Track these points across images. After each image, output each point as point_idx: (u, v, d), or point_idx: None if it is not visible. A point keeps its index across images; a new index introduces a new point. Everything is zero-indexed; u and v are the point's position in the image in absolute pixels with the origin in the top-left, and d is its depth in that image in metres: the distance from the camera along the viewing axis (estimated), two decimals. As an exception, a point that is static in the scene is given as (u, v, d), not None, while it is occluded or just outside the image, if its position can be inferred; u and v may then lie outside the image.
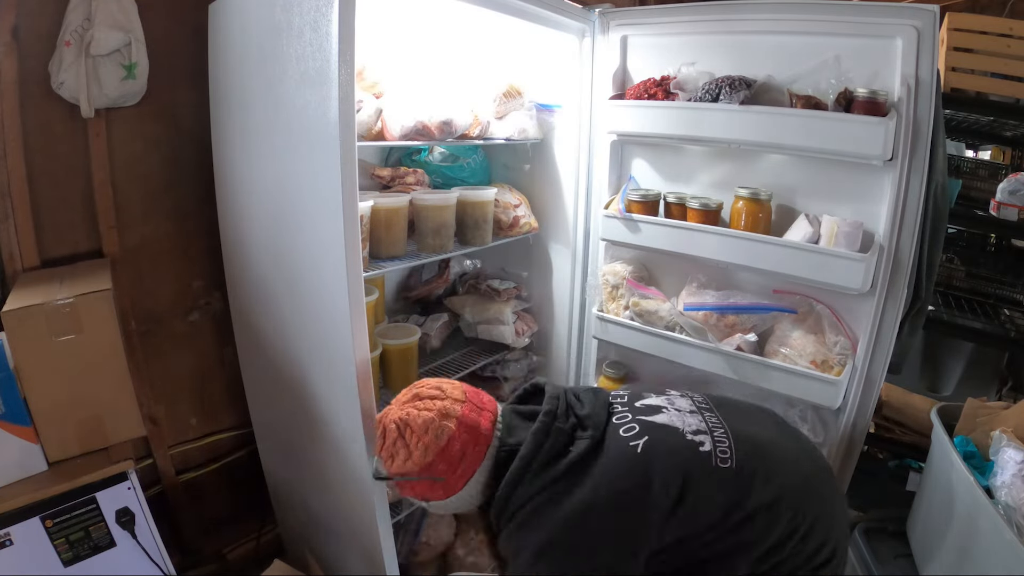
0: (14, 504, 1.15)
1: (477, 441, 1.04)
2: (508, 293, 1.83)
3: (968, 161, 2.38)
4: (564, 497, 0.98)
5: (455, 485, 1.03)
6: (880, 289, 1.40)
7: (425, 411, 1.03)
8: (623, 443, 1.02)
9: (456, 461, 1.02)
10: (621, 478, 0.98)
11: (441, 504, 1.07)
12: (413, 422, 1.02)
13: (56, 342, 1.19)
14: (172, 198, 1.63)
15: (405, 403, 1.07)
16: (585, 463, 1.00)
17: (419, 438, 1.01)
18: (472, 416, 1.05)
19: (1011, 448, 1.22)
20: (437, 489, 1.04)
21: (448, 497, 1.05)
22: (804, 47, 1.42)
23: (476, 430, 1.04)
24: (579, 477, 0.99)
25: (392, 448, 1.04)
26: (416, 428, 1.02)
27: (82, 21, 1.33)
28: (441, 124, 1.38)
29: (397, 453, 1.03)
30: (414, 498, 1.09)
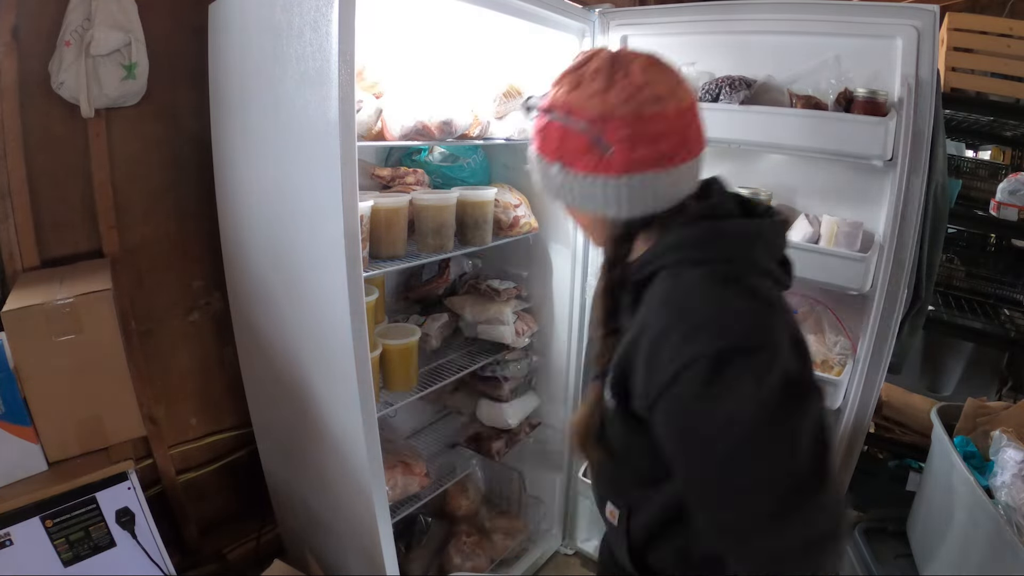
0: (14, 504, 1.15)
1: (680, 146, 0.76)
2: (508, 293, 1.83)
3: (968, 161, 2.38)
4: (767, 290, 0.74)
5: (616, 165, 0.73)
6: (880, 289, 1.40)
7: (654, 70, 0.75)
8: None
9: (644, 140, 0.73)
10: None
11: (573, 180, 0.76)
12: (636, 68, 0.73)
13: (56, 342, 1.19)
14: (172, 198, 1.63)
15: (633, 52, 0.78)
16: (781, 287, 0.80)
17: (629, 87, 0.72)
18: (693, 128, 0.79)
19: (1011, 448, 1.22)
20: (591, 156, 0.74)
21: (592, 173, 0.74)
22: (804, 47, 1.42)
23: (687, 138, 0.77)
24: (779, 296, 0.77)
25: (587, 73, 0.75)
26: (633, 74, 0.73)
27: (82, 21, 1.33)
28: (441, 124, 1.38)
29: (589, 82, 0.74)
30: (544, 155, 0.79)
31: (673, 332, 0.68)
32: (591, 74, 0.75)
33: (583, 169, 0.75)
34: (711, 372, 0.64)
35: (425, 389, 1.61)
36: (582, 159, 0.75)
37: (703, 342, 0.65)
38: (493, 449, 1.83)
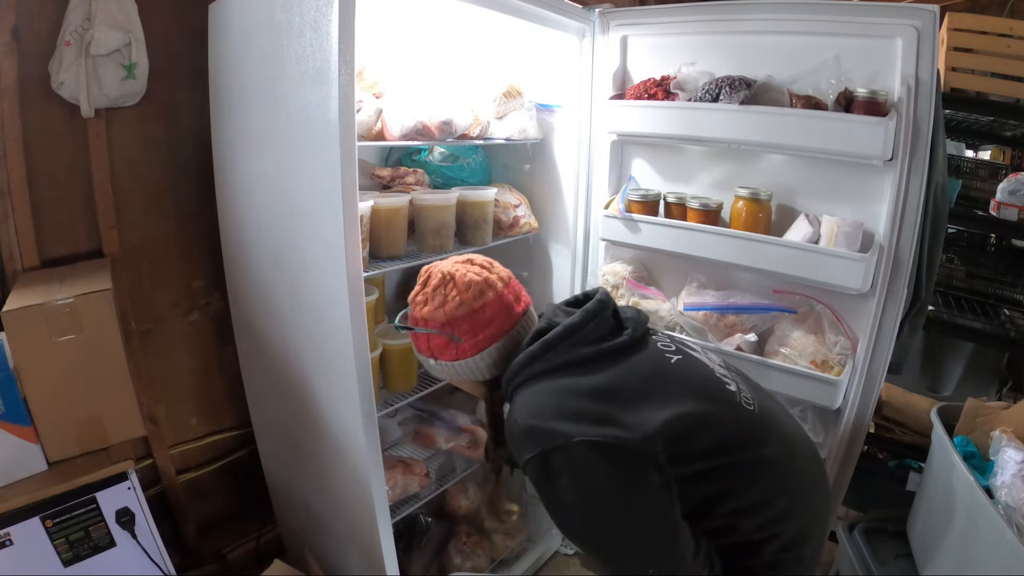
0: (14, 504, 1.15)
1: (506, 319, 1.05)
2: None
3: (968, 161, 2.38)
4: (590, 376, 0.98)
5: (468, 350, 1.03)
6: (880, 289, 1.40)
7: (472, 273, 1.04)
8: (659, 352, 1.05)
9: (481, 327, 1.03)
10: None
11: (446, 366, 1.06)
12: (459, 278, 1.03)
13: (56, 342, 1.19)
14: (172, 198, 1.63)
15: (457, 262, 1.08)
16: (619, 353, 1.01)
17: (459, 293, 1.02)
18: (510, 298, 1.07)
19: (1011, 448, 1.22)
20: (451, 349, 1.04)
21: (457, 360, 1.05)
22: (804, 47, 1.42)
23: (509, 309, 1.06)
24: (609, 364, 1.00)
25: (429, 294, 1.05)
26: (459, 283, 1.03)
27: (82, 21, 1.33)
28: (441, 124, 1.38)
29: (432, 299, 1.04)
30: (423, 353, 1.09)
31: (513, 444, 0.97)
32: (431, 293, 1.04)
33: (449, 359, 1.05)
34: (538, 470, 0.92)
35: (425, 389, 1.61)
36: (445, 352, 1.05)
37: (528, 449, 0.92)
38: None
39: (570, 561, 2.16)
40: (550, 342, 1.00)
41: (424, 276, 1.08)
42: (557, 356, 0.99)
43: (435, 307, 1.03)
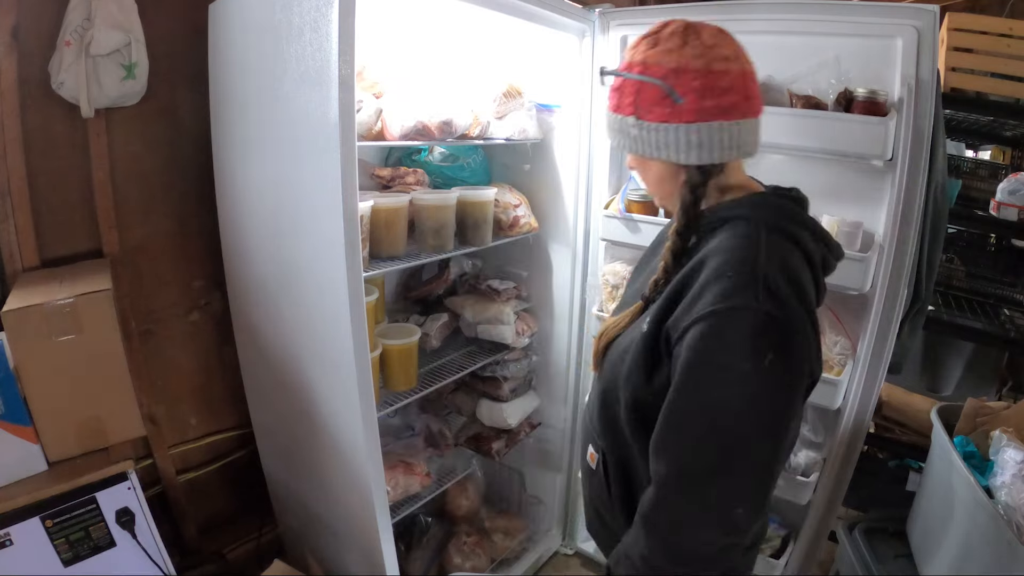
0: (14, 504, 1.15)
1: (743, 101, 0.83)
2: (508, 293, 1.83)
3: (968, 161, 2.38)
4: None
5: (687, 113, 0.81)
6: (880, 289, 1.40)
7: (723, 37, 0.83)
8: None
9: (714, 92, 0.80)
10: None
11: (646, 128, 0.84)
12: (707, 33, 0.82)
13: (56, 342, 1.19)
14: (172, 198, 1.63)
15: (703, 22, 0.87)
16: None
17: (701, 45, 0.81)
18: (753, 86, 0.85)
19: (1011, 448, 1.22)
20: (664, 106, 0.82)
21: (665, 122, 0.82)
22: (804, 47, 1.42)
23: (751, 96, 0.84)
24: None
25: (663, 36, 0.83)
26: (705, 36, 0.82)
27: (82, 21, 1.33)
28: (441, 124, 1.38)
29: (666, 41, 0.82)
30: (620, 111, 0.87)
31: (728, 275, 0.76)
32: (667, 36, 0.83)
33: (657, 119, 0.83)
34: (745, 328, 0.73)
35: (425, 389, 1.61)
36: (656, 110, 0.82)
37: (747, 297, 0.74)
38: (493, 449, 1.83)
39: (570, 561, 2.16)
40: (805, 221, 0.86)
41: (659, 24, 0.86)
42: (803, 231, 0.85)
43: (666, 51, 0.81)
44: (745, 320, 0.74)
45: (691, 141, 0.82)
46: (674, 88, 0.80)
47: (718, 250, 0.81)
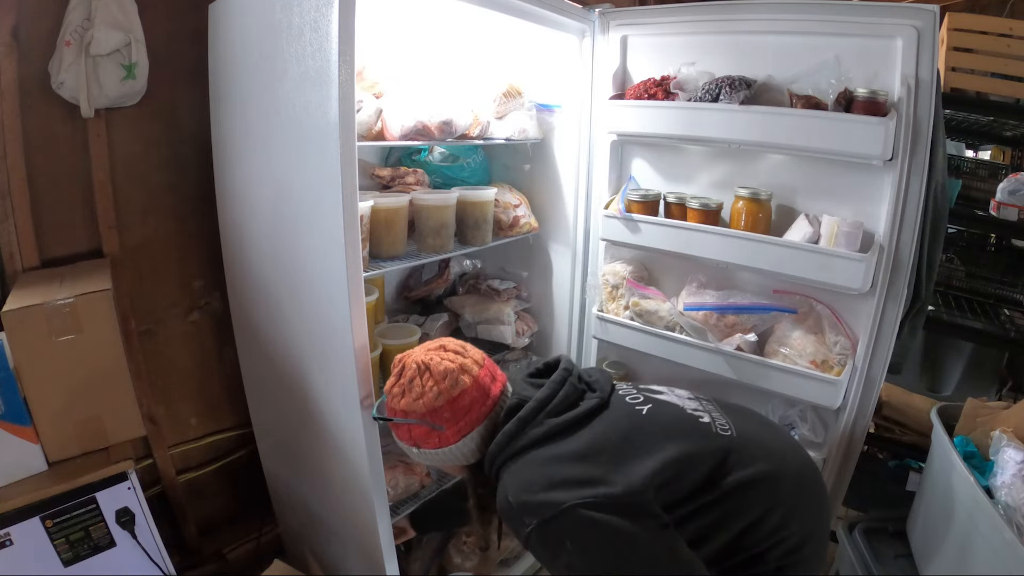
0: (14, 504, 1.15)
1: (484, 402, 1.07)
2: (508, 293, 1.83)
3: (968, 161, 2.38)
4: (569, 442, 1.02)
5: (451, 438, 1.05)
6: (880, 289, 1.40)
7: (447, 361, 1.06)
8: (628, 406, 1.09)
9: (461, 414, 1.04)
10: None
11: (430, 454, 1.08)
12: (434, 367, 1.05)
13: (56, 342, 1.19)
14: (172, 198, 1.63)
15: (430, 350, 1.10)
16: (592, 415, 1.05)
17: (436, 382, 1.04)
18: (486, 380, 1.09)
19: (1011, 448, 1.22)
20: (433, 437, 1.05)
21: (440, 448, 1.06)
22: (804, 47, 1.42)
23: (487, 392, 1.08)
24: (585, 428, 1.04)
25: (406, 385, 1.06)
26: (435, 373, 1.04)
27: (82, 21, 1.33)
28: (441, 124, 1.38)
29: (409, 391, 1.05)
30: (404, 442, 1.10)
31: (511, 523, 0.99)
32: (408, 385, 1.06)
33: (432, 447, 1.07)
34: (539, 541, 0.94)
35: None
36: (428, 441, 1.06)
37: (525, 526, 0.94)
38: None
39: (570, 561, 2.16)
40: (525, 418, 1.03)
41: (398, 367, 1.09)
42: (534, 429, 1.02)
43: (413, 399, 1.04)
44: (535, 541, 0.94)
45: (464, 451, 1.07)
46: (433, 423, 1.04)
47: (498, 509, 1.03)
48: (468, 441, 1.06)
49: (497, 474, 1.05)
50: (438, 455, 1.08)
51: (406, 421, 1.06)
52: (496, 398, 1.09)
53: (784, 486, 1.03)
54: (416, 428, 1.06)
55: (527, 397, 1.07)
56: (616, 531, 0.90)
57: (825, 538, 1.11)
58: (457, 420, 1.04)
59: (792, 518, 1.00)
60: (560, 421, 1.03)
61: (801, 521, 1.01)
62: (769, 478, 1.02)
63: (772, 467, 1.03)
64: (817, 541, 1.05)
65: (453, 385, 1.04)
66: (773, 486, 1.01)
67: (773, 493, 1.01)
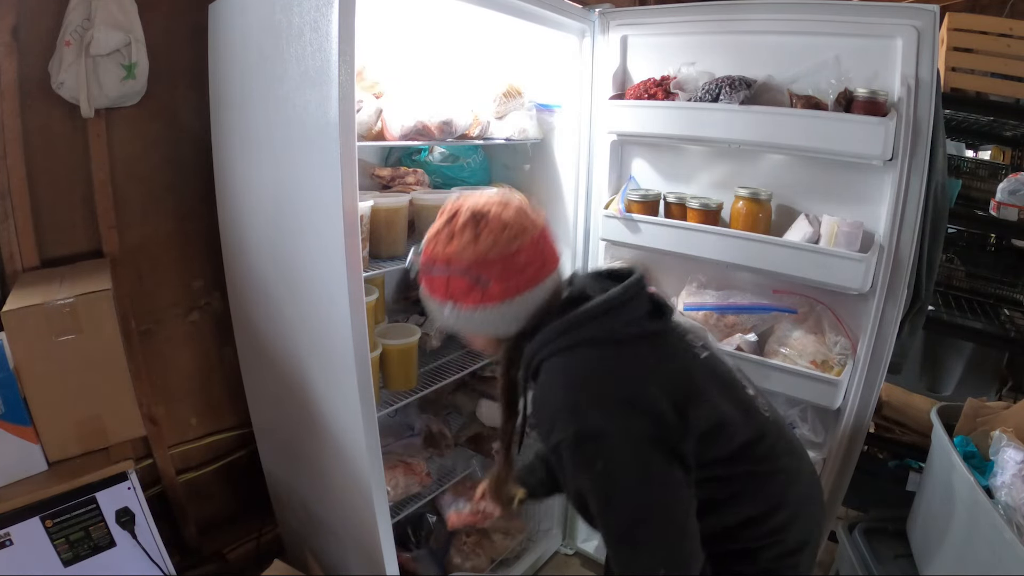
0: (14, 504, 1.15)
1: (540, 268, 0.94)
2: (508, 293, 1.82)
3: (968, 161, 2.38)
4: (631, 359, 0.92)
5: (495, 295, 0.91)
6: (880, 289, 1.40)
7: (508, 213, 0.92)
8: (688, 345, 0.99)
9: (513, 273, 0.91)
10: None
11: (464, 314, 0.93)
12: (493, 216, 0.91)
13: (56, 342, 1.19)
14: (172, 198, 1.63)
15: (490, 199, 0.96)
16: (656, 338, 0.95)
17: (492, 233, 0.90)
18: (546, 246, 0.96)
19: (1011, 448, 1.22)
20: (474, 294, 0.91)
21: (478, 307, 0.92)
22: (804, 47, 1.42)
23: (544, 259, 0.95)
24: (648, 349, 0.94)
25: (456, 230, 0.92)
26: (493, 222, 0.91)
27: (82, 21, 1.33)
28: (441, 124, 1.38)
29: (460, 236, 0.91)
30: (437, 298, 0.95)
31: (542, 422, 0.91)
32: (459, 229, 0.92)
33: (471, 304, 0.92)
34: (571, 452, 0.86)
35: (425, 389, 1.61)
36: (467, 297, 0.92)
37: (557, 434, 0.87)
38: (493, 449, 1.83)
39: (570, 561, 2.16)
40: (591, 313, 0.91)
41: (449, 212, 0.95)
42: (597, 329, 0.91)
43: (463, 244, 0.90)
44: (567, 451, 0.86)
45: (503, 317, 0.93)
46: (480, 276, 0.90)
47: (533, 401, 0.95)
48: (512, 306, 0.92)
49: (539, 363, 0.93)
50: (473, 317, 0.93)
51: (449, 270, 0.91)
52: (552, 269, 0.96)
53: (796, 488, 1.00)
54: (457, 281, 0.91)
55: (590, 294, 0.95)
56: (653, 469, 0.85)
57: (818, 548, 1.08)
58: (507, 278, 0.91)
59: (793, 524, 0.98)
60: (625, 331, 0.92)
61: (800, 529, 1.00)
62: (788, 475, 0.99)
63: (793, 465, 1.01)
64: (811, 550, 1.03)
65: (511, 239, 0.90)
66: (788, 484, 0.99)
67: (785, 492, 0.98)
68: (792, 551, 0.98)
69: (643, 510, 0.86)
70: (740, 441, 0.93)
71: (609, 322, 0.91)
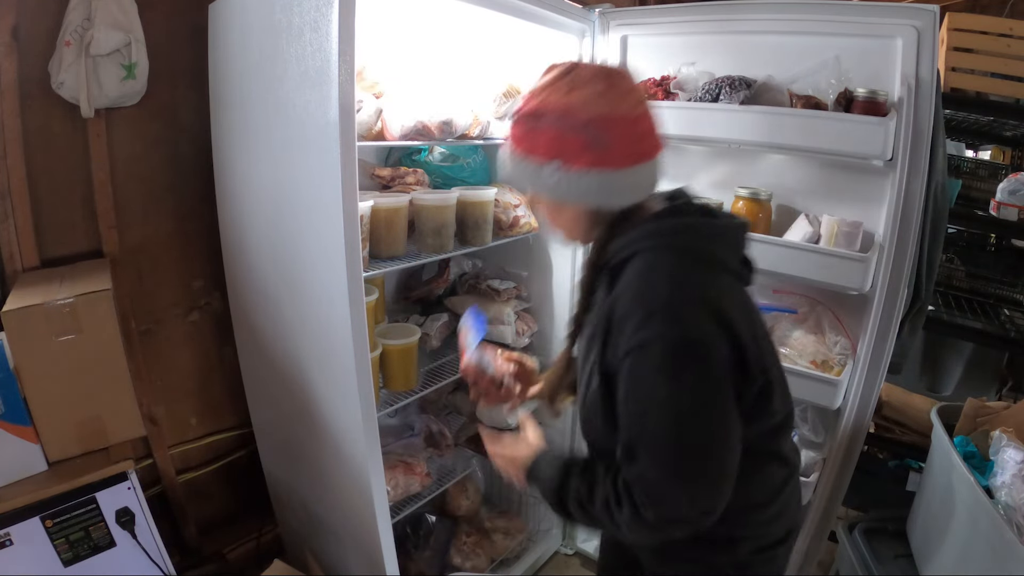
0: (14, 504, 1.15)
1: (657, 142, 0.85)
2: (508, 293, 1.82)
3: (968, 161, 2.38)
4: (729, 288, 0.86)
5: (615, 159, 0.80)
6: (880, 289, 1.40)
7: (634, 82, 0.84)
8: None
9: (634, 139, 0.81)
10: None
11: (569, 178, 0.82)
12: (620, 75, 0.82)
13: (56, 342, 1.19)
14: (172, 198, 1.63)
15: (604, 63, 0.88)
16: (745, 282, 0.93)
17: (620, 92, 0.80)
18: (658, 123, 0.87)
19: (1011, 448, 1.22)
20: (588, 155, 0.80)
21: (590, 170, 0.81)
22: (804, 47, 1.42)
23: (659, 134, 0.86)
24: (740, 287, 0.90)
25: (579, 80, 0.81)
26: (621, 82, 0.81)
27: (82, 21, 1.33)
28: (441, 124, 1.38)
29: (584, 87, 0.80)
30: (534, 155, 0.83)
31: (637, 312, 0.79)
32: (585, 80, 0.81)
33: (584, 166, 0.81)
34: (660, 356, 0.77)
35: (425, 389, 1.61)
36: (581, 156, 0.81)
37: (655, 329, 0.77)
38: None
39: (570, 561, 2.16)
40: (704, 230, 0.86)
41: (566, 65, 0.84)
42: (706, 246, 0.85)
43: (587, 97, 0.79)
44: (657, 351, 0.77)
45: (614, 186, 0.83)
46: (601, 135, 0.80)
47: (626, 287, 0.83)
48: (627, 176, 0.82)
49: (632, 255, 0.84)
50: (581, 182, 0.82)
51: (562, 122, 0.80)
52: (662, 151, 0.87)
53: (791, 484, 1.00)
54: (572, 137, 0.80)
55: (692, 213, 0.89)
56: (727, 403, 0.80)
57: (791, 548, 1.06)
58: (628, 143, 0.81)
59: (778, 520, 0.98)
60: (726, 265, 0.87)
61: (782, 525, 0.99)
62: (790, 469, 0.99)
63: (794, 460, 1.01)
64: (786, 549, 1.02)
65: (637, 103, 0.81)
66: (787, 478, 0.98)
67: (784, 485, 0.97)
68: (771, 545, 0.98)
69: (705, 441, 0.79)
70: (775, 416, 0.90)
71: (716, 248, 0.86)
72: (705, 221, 0.88)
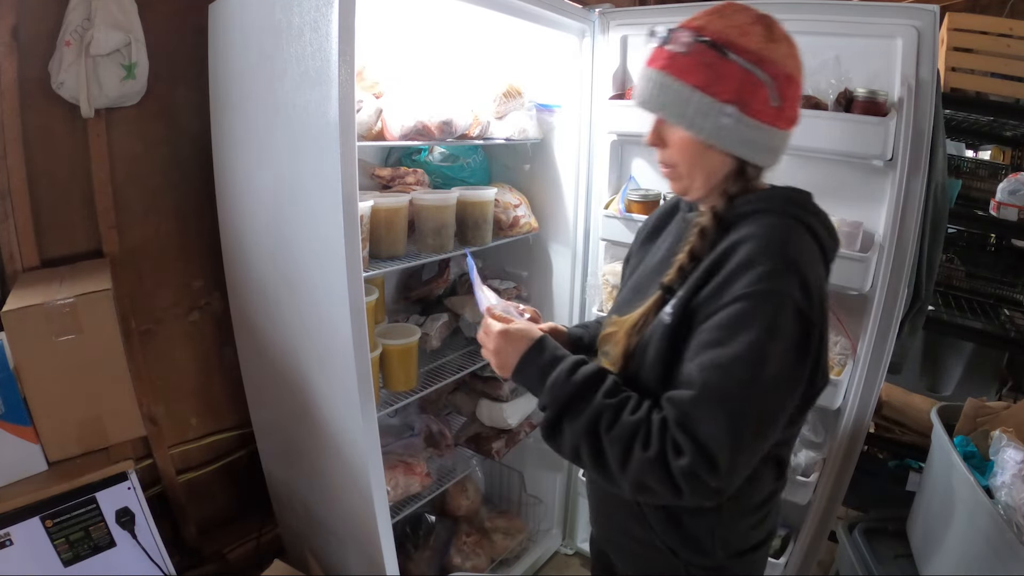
0: (14, 504, 1.15)
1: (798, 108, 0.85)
2: (508, 293, 1.82)
3: (968, 161, 2.38)
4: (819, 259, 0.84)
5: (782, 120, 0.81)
6: (880, 289, 1.40)
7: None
8: None
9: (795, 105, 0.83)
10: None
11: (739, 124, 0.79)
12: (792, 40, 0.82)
13: (56, 342, 1.19)
14: (172, 198, 1.63)
15: None
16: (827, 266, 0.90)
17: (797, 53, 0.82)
18: None
19: (1011, 448, 1.22)
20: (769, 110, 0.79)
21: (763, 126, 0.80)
22: (804, 47, 1.38)
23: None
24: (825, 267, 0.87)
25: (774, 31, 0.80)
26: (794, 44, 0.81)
27: (82, 21, 1.33)
28: (441, 124, 1.38)
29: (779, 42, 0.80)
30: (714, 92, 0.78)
31: (765, 262, 0.76)
32: (779, 35, 0.80)
33: (760, 119, 0.79)
34: (776, 313, 0.74)
35: (425, 389, 1.61)
36: (763, 110, 0.79)
37: (784, 284, 0.75)
38: (493, 449, 1.83)
39: (570, 561, 2.16)
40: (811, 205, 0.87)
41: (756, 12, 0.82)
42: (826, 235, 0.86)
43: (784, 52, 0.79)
44: (782, 305, 0.74)
45: (774, 145, 0.83)
46: (779, 92, 0.79)
47: (749, 237, 0.79)
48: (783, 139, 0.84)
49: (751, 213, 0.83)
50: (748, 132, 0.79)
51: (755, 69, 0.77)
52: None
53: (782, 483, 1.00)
54: (759, 86, 0.77)
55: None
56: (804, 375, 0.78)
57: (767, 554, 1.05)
58: (794, 105, 0.83)
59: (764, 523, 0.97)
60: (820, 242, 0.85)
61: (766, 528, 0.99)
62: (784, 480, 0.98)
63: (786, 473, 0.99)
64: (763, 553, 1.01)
65: (799, 70, 0.83)
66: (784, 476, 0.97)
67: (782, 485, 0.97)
68: (752, 548, 0.97)
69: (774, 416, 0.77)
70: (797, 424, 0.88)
71: (825, 242, 0.85)
72: (817, 207, 0.88)
